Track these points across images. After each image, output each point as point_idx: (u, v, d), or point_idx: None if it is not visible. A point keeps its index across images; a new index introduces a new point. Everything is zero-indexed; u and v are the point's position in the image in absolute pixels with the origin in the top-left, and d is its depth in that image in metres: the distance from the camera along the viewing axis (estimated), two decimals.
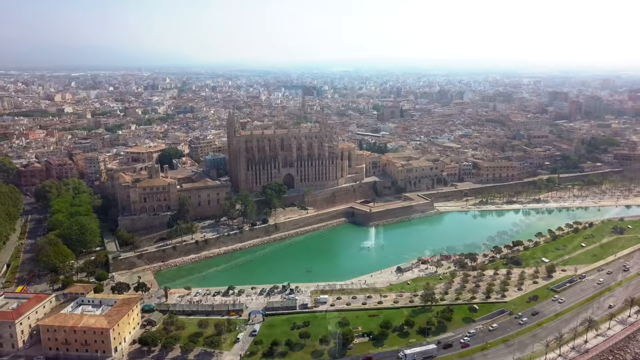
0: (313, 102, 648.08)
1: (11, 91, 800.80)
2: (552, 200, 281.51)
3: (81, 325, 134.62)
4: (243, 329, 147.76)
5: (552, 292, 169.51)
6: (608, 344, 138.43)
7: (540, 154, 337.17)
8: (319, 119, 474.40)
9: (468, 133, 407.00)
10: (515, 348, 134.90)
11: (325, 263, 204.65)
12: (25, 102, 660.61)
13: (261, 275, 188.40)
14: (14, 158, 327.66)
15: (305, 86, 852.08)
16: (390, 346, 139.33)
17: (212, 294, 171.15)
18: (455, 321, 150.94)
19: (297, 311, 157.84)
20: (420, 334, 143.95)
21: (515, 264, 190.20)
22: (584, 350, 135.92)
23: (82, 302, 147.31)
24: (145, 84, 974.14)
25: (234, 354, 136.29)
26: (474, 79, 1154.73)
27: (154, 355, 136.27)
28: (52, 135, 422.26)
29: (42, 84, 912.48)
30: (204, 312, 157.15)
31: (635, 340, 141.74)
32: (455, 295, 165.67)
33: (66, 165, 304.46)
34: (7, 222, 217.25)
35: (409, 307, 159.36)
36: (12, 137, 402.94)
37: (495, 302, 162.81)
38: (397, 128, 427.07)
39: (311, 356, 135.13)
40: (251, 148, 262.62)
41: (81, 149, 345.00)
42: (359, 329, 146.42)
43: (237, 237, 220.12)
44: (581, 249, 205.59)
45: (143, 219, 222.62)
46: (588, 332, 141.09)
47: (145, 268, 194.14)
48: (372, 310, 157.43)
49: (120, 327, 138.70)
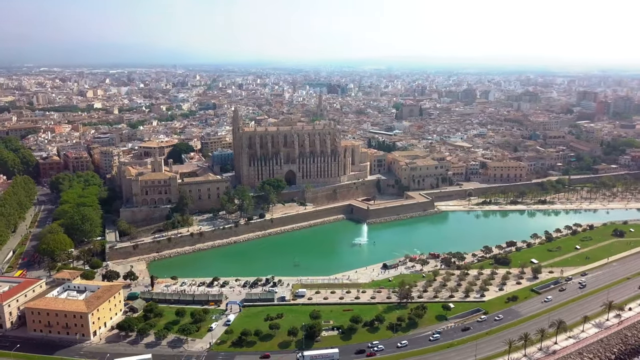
0: (334, 100, 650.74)
1: (48, 87, 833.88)
2: (558, 202, 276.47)
3: (62, 309, 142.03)
4: (219, 319, 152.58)
5: (533, 293, 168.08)
6: (578, 346, 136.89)
7: (553, 154, 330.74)
8: (334, 116, 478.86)
9: (483, 132, 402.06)
10: (480, 347, 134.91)
11: (314, 258, 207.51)
12: (58, 98, 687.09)
13: (249, 268, 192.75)
14: (35, 151, 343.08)
15: (330, 84, 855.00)
16: (358, 341, 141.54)
17: (197, 284, 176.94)
18: (428, 319, 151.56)
19: (274, 303, 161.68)
20: (389, 330, 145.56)
21: (502, 264, 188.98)
22: (551, 351, 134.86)
23: (68, 288, 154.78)
24: (176, 81, 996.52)
25: (205, 341, 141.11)
26: (507, 77, 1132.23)
27: (129, 340, 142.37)
28: (76, 129, 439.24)
29: (78, 81, 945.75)
30: (185, 301, 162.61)
31: (608, 344, 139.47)
32: (433, 294, 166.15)
33: (82, 158, 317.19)
34: (17, 211, 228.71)
35: (385, 304, 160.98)
36: (39, 131, 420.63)
37: (473, 301, 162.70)
38: (412, 127, 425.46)
39: (278, 347, 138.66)
40: (254, 144, 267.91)
41: (99, 143, 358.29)
42: (330, 323, 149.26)
43: (233, 230, 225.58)
44: (575, 252, 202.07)
45: (143, 210, 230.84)
46: (559, 334, 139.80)
47: (139, 258, 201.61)
48: (347, 305, 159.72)
49: (100, 313, 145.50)
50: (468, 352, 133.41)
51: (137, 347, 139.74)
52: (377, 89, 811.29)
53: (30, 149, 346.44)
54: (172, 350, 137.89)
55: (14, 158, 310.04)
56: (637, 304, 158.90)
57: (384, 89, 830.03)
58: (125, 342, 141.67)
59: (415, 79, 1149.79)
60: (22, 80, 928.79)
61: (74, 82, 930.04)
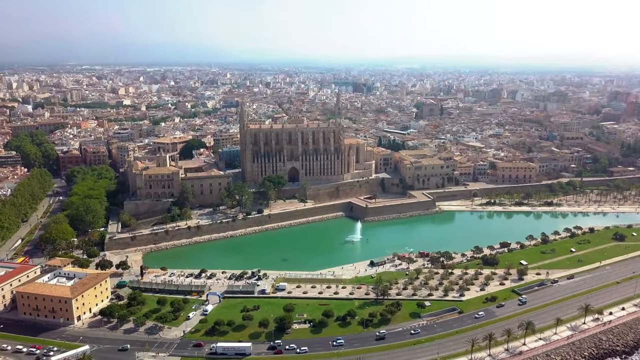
0: (356, 98, 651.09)
1: (84, 85, 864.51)
2: (566, 204, 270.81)
3: (49, 294, 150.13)
4: (198, 309, 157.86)
5: (514, 294, 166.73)
6: (546, 348, 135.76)
7: (567, 155, 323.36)
8: (352, 115, 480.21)
9: (498, 133, 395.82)
10: (446, 345, 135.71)
11: (305, 254, 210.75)
12: (91, 95, 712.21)
13: (240, 261, 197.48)
14: (58, 145, 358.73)
15: (356, 83, 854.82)
16: (328, 334, 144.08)
17: (185, 275, 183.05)
18: (401, 316, 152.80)
19: (254, 296, 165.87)
20: (360, 325, 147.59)
21: (490, 264, 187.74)
22: (518, 352, 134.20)
23: (59, 274, 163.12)
24: (207, 79, 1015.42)
25: (180, 330, 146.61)
26: (542, 77, 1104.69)
27: (110, 326, 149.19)
28: (101, 125, 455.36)
29: (113, 79, 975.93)
30: (169, 291, 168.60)
31: (579, 347, 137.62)
32: (412, 292, 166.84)
33: (99, 152, 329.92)
34: (28, 202, 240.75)
35: (362, 299, 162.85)
36: (66, 126, 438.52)
37: (451, 300, 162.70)
38: (428, 126, 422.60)
39: (249, 337, 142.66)
40: (258, 141, 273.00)
41: (118, 138, 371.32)
42: (304, 316, 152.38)
43: (230, 225, 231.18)
44: (569, 254, 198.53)
45: (146, 203, 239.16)
46: (529, 336, 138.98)
47: (137, 249, 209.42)
48: (324, 300, 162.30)
49: (84, 299, 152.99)
50: (433, 350, 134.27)
51: (116, 332, 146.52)
52: (403, 87, 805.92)
53: (54, 143, 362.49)
54: (148, 336, 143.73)
55: (36, 151, 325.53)
56: (620, 309, 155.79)
57: (410, 88, 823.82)
58: (106, 328, 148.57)
59: (445, 78, 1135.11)
60: (61, 78, 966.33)
61: (109, 79, 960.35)
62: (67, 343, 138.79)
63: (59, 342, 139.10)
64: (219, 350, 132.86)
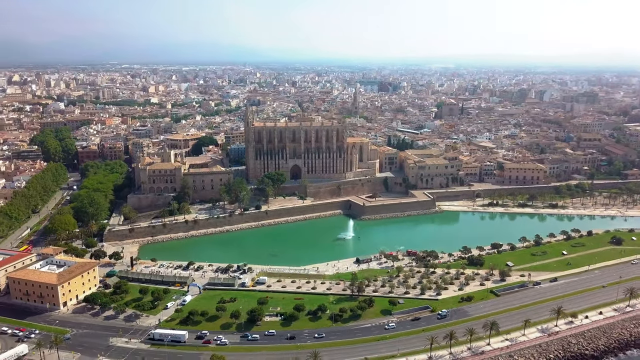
0: (378, 97, 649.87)
1: (117, 83, 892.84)
2: (571, 207, 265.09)
3: (37, 280, 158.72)
4: (178, 299, 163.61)
5: (492, 294, 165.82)
6: (511, 349, 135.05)
7: (579, 157, 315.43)
8: (369, 114, 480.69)
9: (514, 133, 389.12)
10: (410, 342, 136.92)
11: (295, 249, 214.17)
12: (122, 93, 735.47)
13: (229, 255, 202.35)
14: (80, 140, 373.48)
15: (381, 82, 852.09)
16: (297, 328, 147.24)
17: (174, 267, 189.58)
18: (372, 312, 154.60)
19: (234, 288, 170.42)
20: (330, 320, 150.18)
21: (476, 265, 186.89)
22: (480, 351, 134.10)
23: (50, 262, 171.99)
24: (237, 78, 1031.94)
25: (157, 318, 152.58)
26: (577, 77, 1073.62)
27: (92, 313, 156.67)
28: (125, 122, 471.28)
29: (146, 77, 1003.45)
30: (154, 282, 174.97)
31: (546, 349, 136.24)
32: (389, 289, 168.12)
33: (115, 148, 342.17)
34: (40, 194, 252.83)
35: (337, 295, 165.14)
36: (92, 123, 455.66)
37: (427, 298, 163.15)
38: (443, 126, 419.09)
39: (220, 327, 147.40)
40: (262, 139, 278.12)
41: (136, 135, 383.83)
42: (277, 309, 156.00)
43: (227, 220, 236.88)
44: (560, 257, 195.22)
45: (149, 197, 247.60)
46: (495, 336, 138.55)
47: (134, 241, 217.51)
48: (300, 295, 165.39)
49: (71, 286, 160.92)
50: (395, 346, 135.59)
51: (96, 318, 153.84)
52: (429, 87, 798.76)
53: (76, 138, 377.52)
54: (125, 323, 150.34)
55: (57, 146, 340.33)
56: (597, 313, 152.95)
57: (437, 88, 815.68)
58: (88, 314, 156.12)
59: (477, 77, 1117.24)
60: (97, 76, 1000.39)
61: (142, 78, 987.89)
62: (48, 327, 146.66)
63: (42, 326, 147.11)
64: (156, 336, 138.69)
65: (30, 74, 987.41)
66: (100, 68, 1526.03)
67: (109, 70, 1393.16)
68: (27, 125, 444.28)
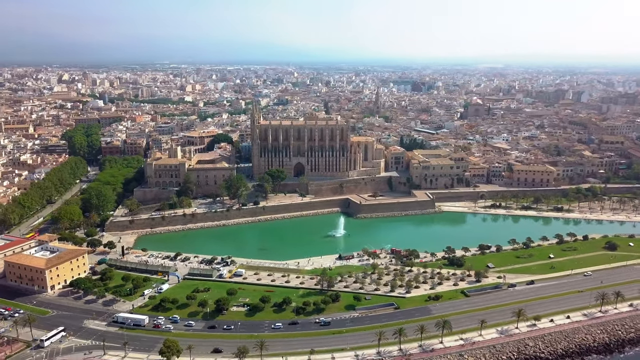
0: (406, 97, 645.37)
1: (158, 82, 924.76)
2: (577, 211, 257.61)
3: (27, 264, 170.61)
4: (156, 287, 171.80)
5: (462, 295, 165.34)
6: (463, 348, 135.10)
7: (595, 160, 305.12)
8: (390, 114, 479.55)
9: (534, 135, 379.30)
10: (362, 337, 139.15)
11: (284, 245, 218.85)
12: (160, 91, 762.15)
13: (218, 247, 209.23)
14: (107, 136, 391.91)
15: (414, 82, 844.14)
16: (260, 319, 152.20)
17: (162, 257, 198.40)
18: (337, 307, 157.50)
19: (211, 279, 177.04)
20: (293, 312, 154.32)
21: (455, 265, 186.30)
22: (430, 349, 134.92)
23: (45, 248, 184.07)
24: (275, 77, 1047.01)
25: (131, 304, 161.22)
26: (627, 77, 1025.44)
27: (75, 296, 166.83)
28: (154, 119, 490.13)
29: (186, 77, 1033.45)
30: (139, 270, 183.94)
31: (500, 350, 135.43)
32: (360, 285, 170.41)
33: (135, 144, 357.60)
34: (56, 186, 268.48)
35: (307, 289, 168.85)
36: (123, 120, 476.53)
37: (395, 296, 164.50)
38: (462, 126, 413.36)
39: (187, 315, 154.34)
40: (267, 136, 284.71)
41: (159, 131, 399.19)
42: (246, 300, 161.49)
43: (224, 214, 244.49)
44: (546, 260, 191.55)
45: (153, 191, 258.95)
46: (449, 336, 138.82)
47: (133, 232, 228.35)
48: (271, 287, 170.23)
49: (59, 271, 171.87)
50: (346, 341, 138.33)
51: (78, 302, 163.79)
52: (462, 87, 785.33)
53: (103, 134, 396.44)
54: (103, 307, 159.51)
55: (82, 142, 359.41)
56: (565, 317, 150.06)
57: (473, 88, 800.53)
58: (71, 297, 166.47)
59: (519, 78, 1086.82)
60: (141, 76, 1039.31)
61: (183, 77, 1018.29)
62: (33, 307, 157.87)
63: (26, 306, 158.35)
64: (119, 320, 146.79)
65: (79, 73, 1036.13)
66: (149, 67, 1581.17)
67: (156, 70, 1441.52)
68: (63, 122, 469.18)
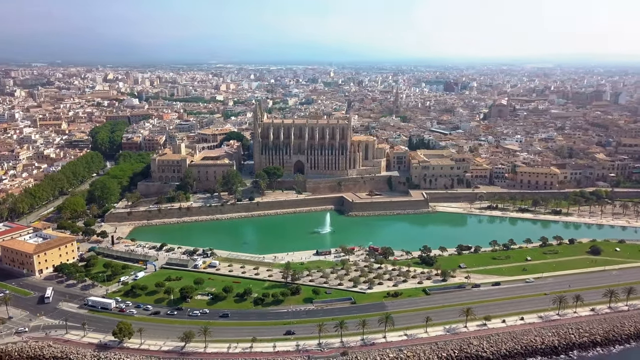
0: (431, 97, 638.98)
1: (196, 81, 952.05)
2: (576, 214, 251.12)
3: (17, 249, 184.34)
4: (133, 274, 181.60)
5: (423, 292, 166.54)
6: (404, 343, 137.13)
7: (606, 163, 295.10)
8: (409, 114, 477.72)
9: (550, 136, 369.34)
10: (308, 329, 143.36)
11: (268, 239, 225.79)
12: (194, 90, 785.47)
13: (205, 240, 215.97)
14: (129, 133, 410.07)
15: (446, 82, 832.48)
16: (220, 307, 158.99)
17: (148, 247, 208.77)
18: (295, 299, 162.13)
19: (185, 269, 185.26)
20: (252, 303, 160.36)
21: (426, 264, 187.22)
22: (371, 342, 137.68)
23: (38, 235, 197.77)
24: (311, 77, 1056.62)
25: (105, 289, 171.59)
26: None
27: (58, 280, 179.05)
28: (181, 117, 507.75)
29: (224, 76, 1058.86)
30: (123, 258, 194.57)
31: (442, 347, 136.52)
32: (324, 280, 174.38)
33: (153, 140, 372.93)
34: (69, 178, 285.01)
35: (273, 282, 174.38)
36: (150, 117, 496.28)
37: (356, 291, 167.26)
38: (477, 127, 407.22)
39: (154, 302, 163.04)
40: (269, 134, 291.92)
41: (179, 129, 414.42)
42: (212, 290, 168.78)
43: (218, 209, 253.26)
44: (522, 262, 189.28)
45: (156, 185, 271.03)
46: (392, 332, 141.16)
47: (130, 223, 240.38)
48: (238, 278, 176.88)
49: (47, 256, 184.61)
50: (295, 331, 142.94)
51: (59, 285, 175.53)
52: (495, 88, 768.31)
53: (127, 131, 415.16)
54: (81, 291, 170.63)
55: (105, 137, 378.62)
56: (518, 318, 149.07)
57: (509, 88, 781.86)
58: (55, 281, 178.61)
59: (564, 78, 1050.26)
60: (182, 75, 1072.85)
61: (221, 77, 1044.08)
62: (16, 288, 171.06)
63: (12, 287, 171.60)
64: (89, 303, 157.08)
65: (123, 72, 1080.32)
66: (195, 67, 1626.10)
67: (202, 69, 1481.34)
68: (95, 119, 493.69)
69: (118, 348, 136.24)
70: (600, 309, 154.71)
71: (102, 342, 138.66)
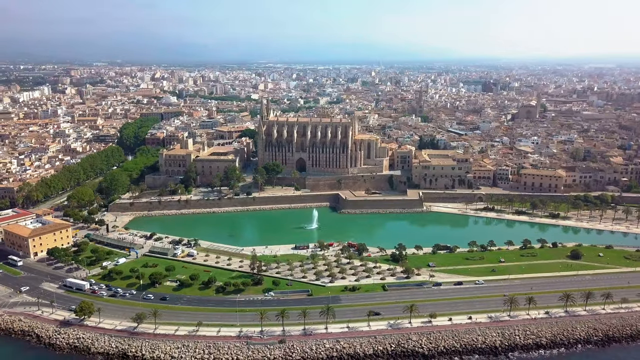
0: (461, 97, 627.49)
1: (237, 80, 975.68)
2: (574, 219, 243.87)
3: (15, 232, 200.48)
4: (115, 260, 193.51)
5: (381, 288, 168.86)
6: (343, 335, 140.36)
7: (618, 167, 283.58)
8: (432, 114, 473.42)
9: (570, 138, 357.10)
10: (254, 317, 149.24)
11: (255, 233, 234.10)
12: (233, 90, 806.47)
13: (196, 231, 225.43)
14: (155, 129, 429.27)
15: (484, 82, 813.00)
16: (184, 293, 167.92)
17: (140, 235, 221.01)
18: (256, 289, 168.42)
19: (164, 257, 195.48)
20: (214, 291, 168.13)
21: (396, 261, 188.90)
22: (311, 332, 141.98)
23: (38, 221, 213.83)
24: (351, 76, 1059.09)
25: (87, 272, 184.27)
26: None
27: (49, 263, 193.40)
28: (210, 115, 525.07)
29: (266, 76, 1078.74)
30: (111, 245, 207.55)
31: (380, 341, 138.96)
32: (290, 273, 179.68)
33: (173, 136, 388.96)
34: (85, 170, 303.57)
35: (239, 272, 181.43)
36: (181, 114, 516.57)
37: (317, 284, 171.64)
38: (497, 128, 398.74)
39: (126, 286, 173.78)
40: (273, 132, 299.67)
41: (202, 126, 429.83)
42: (182, 277, 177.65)
43: (216, 202, 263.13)
44: (494, 264, 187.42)
45: (161, 178, 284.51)
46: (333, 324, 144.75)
47: (131, 213, 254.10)
48: (209, 267, 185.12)
49: (42, 240, 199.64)
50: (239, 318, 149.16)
51: (49, 267, 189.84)
52: (535, 88, 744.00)
53: (154, 127, 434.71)
54: (65, 273, 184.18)
55: (130, 133, 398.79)
56: (466, 317, 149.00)
57: (552, 89, 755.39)
58: (45, 263, 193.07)
59: (620, 79, 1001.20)
60: (226, 74, 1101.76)
61: (262, 76, 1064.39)
62: (7, 267, 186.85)
63: (5, 267, 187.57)
64: (67, 284, 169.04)
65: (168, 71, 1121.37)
66: (244, 67, 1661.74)
67: (251, 69, 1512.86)
68: (130, 115, 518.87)
69: (78, 325, 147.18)
70: (556, 313, 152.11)
71: (66, 319, 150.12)
